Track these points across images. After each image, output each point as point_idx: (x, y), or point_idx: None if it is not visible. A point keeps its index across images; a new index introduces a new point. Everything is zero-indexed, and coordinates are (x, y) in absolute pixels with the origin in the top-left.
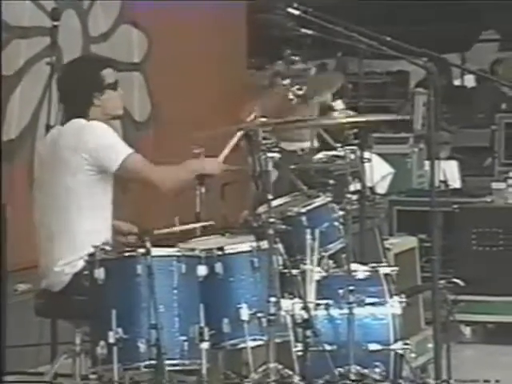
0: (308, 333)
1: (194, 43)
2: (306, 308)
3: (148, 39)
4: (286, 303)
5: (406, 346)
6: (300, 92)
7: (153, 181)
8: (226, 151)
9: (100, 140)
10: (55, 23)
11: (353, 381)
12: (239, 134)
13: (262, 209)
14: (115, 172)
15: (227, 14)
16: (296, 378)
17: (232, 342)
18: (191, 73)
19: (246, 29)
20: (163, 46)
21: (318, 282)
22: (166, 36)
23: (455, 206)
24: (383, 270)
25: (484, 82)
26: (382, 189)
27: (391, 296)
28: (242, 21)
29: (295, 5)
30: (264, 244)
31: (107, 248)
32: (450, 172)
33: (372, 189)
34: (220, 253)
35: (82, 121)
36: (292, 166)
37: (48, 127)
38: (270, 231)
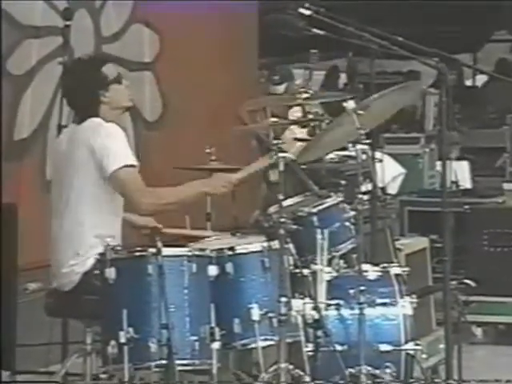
0: (319, 333)
1: (204, 43)
2: (316, 308)
3: (159, 39)
4: (296, 303)
5: (417, 347)
6: (307, 94)
7: (133, 200)
8: (245, 174)
9: (106, 140)
10: (67, 23)
11: (364, 381)
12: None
13: (272, 209)
14: (108, 177)
15: (239, 14)
16: (307, 379)
17: (243, 342)
18: (202, 72)
19: (257, 29)
20: (175, 46)
21: (329, 282)
22: (177, 36)
23: (466, 207)
24: (394, 271)
25: (495, 81)
26: (393, 189)
27: (402, 296)
28: (254, 21)
29: (306, 5)
30: (275, 244)
31: (118, 247)
32: (462, 172)
33: (383, 189)
34: (231, 253)
35: (98, 120)
36: (303, 166)
37: (60, 127)
38: (281, 231)
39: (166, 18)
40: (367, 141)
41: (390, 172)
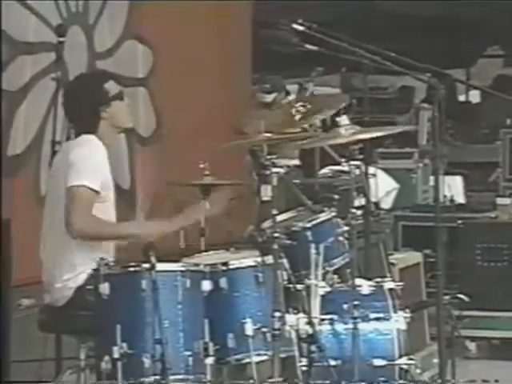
0: (313, 348)
1: (198, 58)
2: (310, 323)
3: (153, 54)
4: (290, 318)
5: (410, 362)
6: (303, 109)
7: (68, 219)
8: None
9: (79, 154)
10: (61, 39)
11: None
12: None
13: (266, 224)
14: (65, 190)
15: (232, 29)
16: None
17: (237, 356)
18: (196, 87)
19: (251, 44)
20: (168, 61)
21: (323, 296)
22: (170, 51)
23: (460, 222)
24: (388, 285)
25: (489, 97)
26: (386, 204)
27: (396, 311)
28: (248, 36)
29: (300, 20)
30: (269, 259)
31: (111, 263)
32: (455, 187)
33: (377, 204)
34: (225, 268)
35: (88, 136)
36: (297, 181)
37: (54, 143)
38: (275, 246)
39: (159, 33)
40: (360, 156)
41: (383, 187)
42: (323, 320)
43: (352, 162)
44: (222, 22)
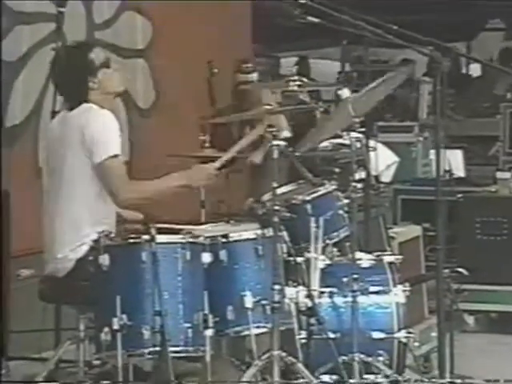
0: (312, 320)
1: (198, 29)
2: (310, 296)
3: (152, 26)
4: (290, 291)
5: (409, 335)
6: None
7: (114, 192)
8: (229, 155)
9: (99, 129)
10: (61, 9)
11: (356, 369)
12: (249, 137)
13: (266, 196)
14: (95, 166)
15: (232, 1)
16: (300, 366)
17: (236, 329)
18: (195, 59)
19: (250, 16)
20: (167, 33)
21: (323, 270)
22: (170, 22)
23: (459, 196)
24: (387, 259)
25: (490, 71)
26: (386, 177)
27: (395, 285)
28: (248, 8)
29: None
30: (269, 232)
31: (112, 235)
32: (455, 161)
33: (377, 177)
34: (224, 240)
35: (90, 105)
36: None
37: (53, 113)
38: (275, 219)
39: (158, 4)
40: (361, 129)
41: (383, 160)
42: (322, 293)
43: (353, 135)
44: None
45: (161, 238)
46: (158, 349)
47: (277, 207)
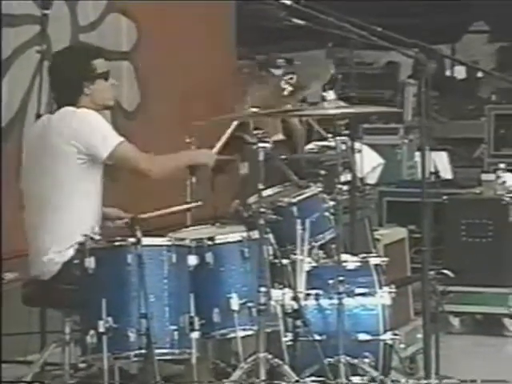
0: (298, 323)
1: (182, 31)
2: (296, 298)
3: (137, 28)
4: (276, 293)
5: (395, 337)
6: (292, 82)
7: (142, 169)
8: (221, 143)
9: (91, 127)
10: (46, 11)
11: (342, 371)
12: (234, 124)
13: (252, 199)
14: (105, 160)
15: (217, 3)
16: (285, 368)
17: (222, 331)
18: (180, 61)
19: (235, 18)
20: (152, 35)
21: (308, 272)
22: (154, 25)
23: (445, 197)
24: (373, 261)
25: (474, 73)
26: (372, 179)
27: (381, 287)
28: (232, 10)
29: None
30: (254, 234)
31: (97, 237)
32: (441, 163)
33: (362, 179)
34: (210, 243)
35: (72, 108)
36: (283, 156)
37: (38, 116)
38: (261, 221)
39: (142, 6)
40: (346, 131)
41: (369, 162)
42: (308, 295)
43: (338, 138)
44: None
45: (146, 241)
46: (143, 351)
47: (263, 209)
